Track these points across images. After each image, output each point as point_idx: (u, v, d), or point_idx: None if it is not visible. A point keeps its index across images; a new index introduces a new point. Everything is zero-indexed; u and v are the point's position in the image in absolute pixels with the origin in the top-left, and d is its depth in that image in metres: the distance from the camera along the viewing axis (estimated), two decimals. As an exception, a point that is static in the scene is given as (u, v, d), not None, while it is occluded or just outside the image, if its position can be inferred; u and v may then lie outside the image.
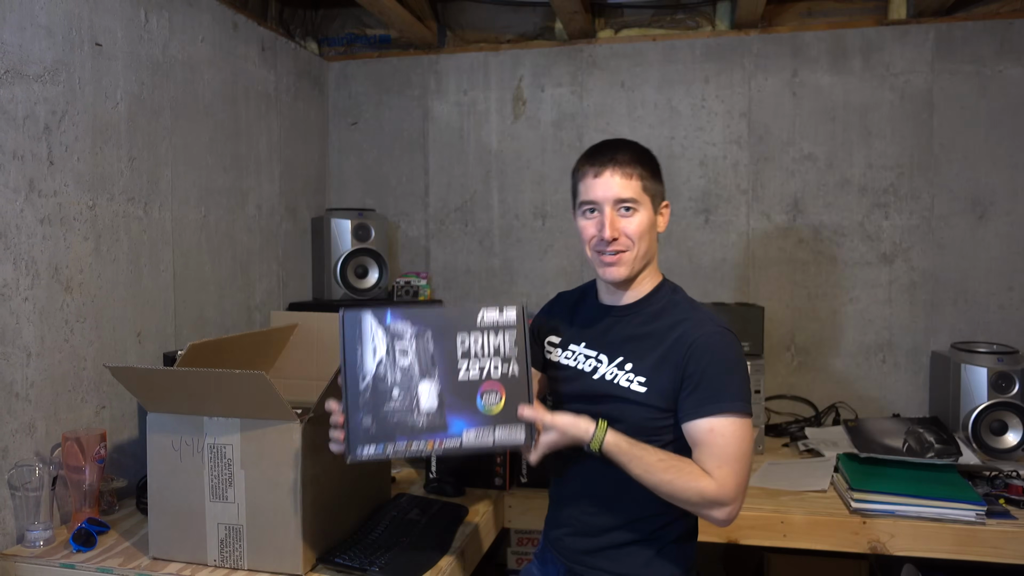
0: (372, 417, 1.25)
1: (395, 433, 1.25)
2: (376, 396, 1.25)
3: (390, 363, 1.26)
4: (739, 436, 1.23)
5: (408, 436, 1.25)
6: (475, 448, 1.26)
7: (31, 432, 1.58)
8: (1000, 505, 1.74)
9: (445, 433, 1.25)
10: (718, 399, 1.24)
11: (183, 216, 2.05)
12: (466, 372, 1.27)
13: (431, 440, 1.25)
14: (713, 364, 1.26)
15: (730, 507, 1.23)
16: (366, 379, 1.25)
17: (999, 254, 2.45)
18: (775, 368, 2.58)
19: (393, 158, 2.88)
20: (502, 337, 1.27)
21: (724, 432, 1.23)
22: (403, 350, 1.26)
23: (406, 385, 1.26)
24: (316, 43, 2.92)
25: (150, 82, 1.92)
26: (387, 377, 1.25)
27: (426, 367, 1.27)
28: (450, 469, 1.88)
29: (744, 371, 1.29)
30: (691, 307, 1.35)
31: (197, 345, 1.53)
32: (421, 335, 1.27)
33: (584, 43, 2.71)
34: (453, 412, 1.25)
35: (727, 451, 1.23)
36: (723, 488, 1.22)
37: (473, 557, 1.65)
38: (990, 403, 2.10)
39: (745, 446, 1.24)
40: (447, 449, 1.26)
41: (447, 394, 1.26)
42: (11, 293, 1.53)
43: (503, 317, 1.27)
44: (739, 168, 2.61)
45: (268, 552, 1.38)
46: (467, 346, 1.27)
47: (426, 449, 1.26)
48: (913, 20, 2.49)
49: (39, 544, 1.49)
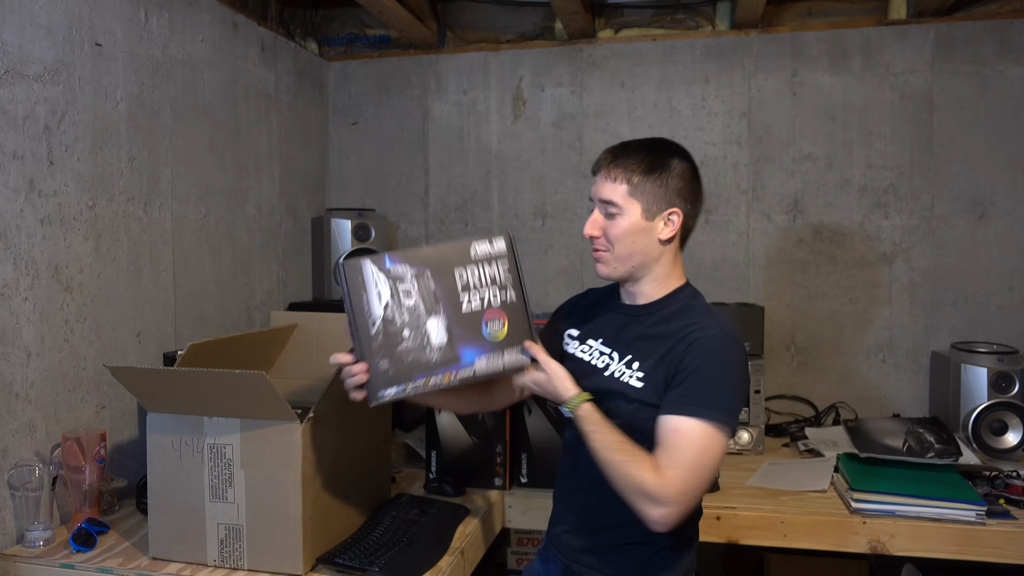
0: (388, 360, 1.27)
1: (412, 372, 1.28)
2: (388, 339, 1.27)
3: (396, 305, 1.28)
4: (701, 444, 1.19)
5: (425, 372, 1.28)
6: (488, 374, 1.31)
7: (31, 432, 1.58)
8: (1000, 505, 1.74)
9: (458, 364, 1.29)
10: (695, 401, 1.21)
11: (183, 216, 2.05)
12: (468, 304, 1.31)
13: (447, 373, 1.29)
14: (705, 366, 1.23)
15: (666, 509, 1.18)
16: (376, 324, 1.27)
17: (999, 254, 2.45)
18: (775, 368, 2.58)
19: (393, 158, 2.88)
20: (496, 266, 1.33)
21: (688, 435, 1.20)
22: (406, 291, 1.29)
23: (415, 324, 1.29)
24: (316, 43, 2.92)
25: (150, 82, 1.92)
26: (396, 319, 1.28)
27: (431, 305, 1.30)
28: (450, 469, 1.88)
29: (737, 383, 1.25)
30: (705, 312, 1.33)
31: (197, 345, 1.53)
32: (421, 275, 1.30)
33: (584, 43, 2.71)
34: (463, 343, 1.29)
35: (683, 455, 1.19)
36: (664, 488, 1.18)
37: (473, 557, 1.65)
38: (990, 403, 2.10)
39: (705, 457, 1.20)
40: (462, 379, 1.30)
41: (454, 327, 1.30)
42: (11, 293, 1.53)
43: (494, 248, 1.34)
44: (739, 168, 2.61)
45: (268, 552, 1.38)
46: (465, 279, 1.32)
47: (443, 382, 1.29)
48: (913, 20, 2.49)
49: (39, 544, 1.49)
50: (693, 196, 1.35)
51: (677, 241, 1.36)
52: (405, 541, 1.50)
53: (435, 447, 1.89)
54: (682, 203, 1.33)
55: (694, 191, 1.35)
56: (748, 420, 2.19)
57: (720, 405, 1.21)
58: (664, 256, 1.35)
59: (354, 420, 1.56)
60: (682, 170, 1.33)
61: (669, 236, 1.33)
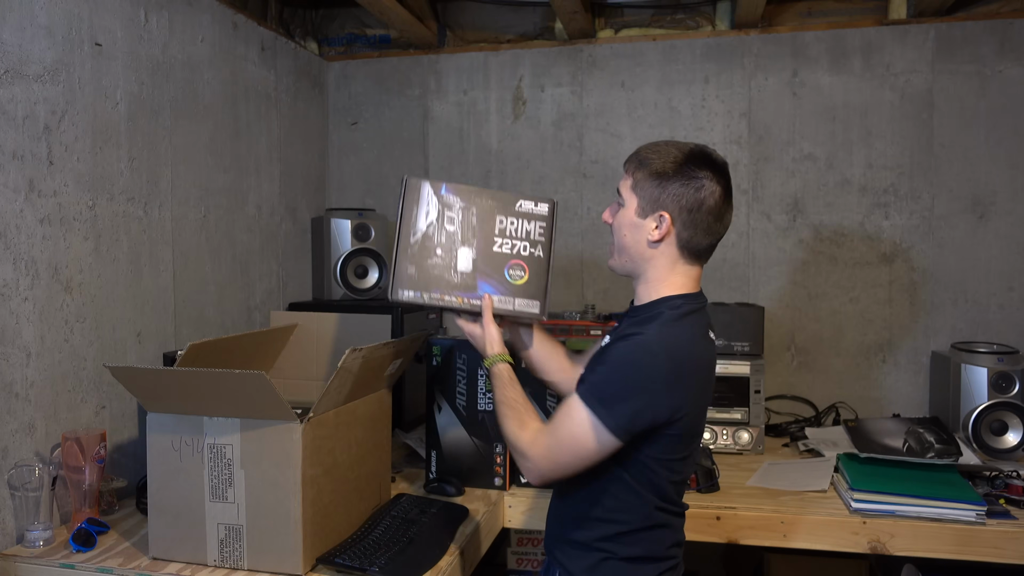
0: (416, 267, 1.47)
1: (432, 284, 1.47)
2: (423, 251, 1.48)
3: (439, 227, 1.48)
4: (575, 429, 1.24)
5: (442, 289, 1.48)
6: (497, 310, 1.47)
7: (31, 432, 1.58)
8: (1000, 505, 1.74)
9: (474, 293, 1.48)
10: (591, 390, 1.24)
11: (183, 216, 2.05)
12: (499, 247, 1.50)
13: (461, 296, 1.48)
14: (612, 363, 1.24)
15: (529, 464, 1.30)
16: (416, 235, 1.48)
17: (999, 254, 2.45)
18: (775, 368, 2.58)
19: (393, 158, 2.88)
20: (534, 225, 1.51)
21: (570, 414, 1.25)
22: (451, 218, 1.49)
23: (448, 247, 1.48)
24: (316, 43, 2.92)
25: (150, 82, 1.92)
26: (434, 237, 1.48)
27: (467, 236, 1.49)
28: (450, 469, 1.88)
29: (634, 389, 1.22)
30: (663, 323, 1.27)
31: (197, 345, 1.53)
32: (467, 209, 1.50)
33: (584, 43, 2.71)
34: (483, 278, 1.48)
35: (558, 429, 1.27)
36: (532, 446, 1.29)
37: (473, 557, 1.65)
38: (990, 403, 2.10)
39: (574, 442, 1.25)
40: (473, 306, 1.48)
41: (481, 262, 1.49)
42: (11, 293, 1.53)
43: (537, 209, 1.52)
44: (739, 168, 2.61)
45: (268, 552, 1.38)
46: (503, 226, 1.50)
47: (455, 303, 1.48)
48: (913, 20, 2.49)
49: (39, 544, 1.49)
50: (698, 211, 1.29)
51: (674, 250, 1.32)
52: (405, 541, 1.50)
53: (435, 447, 1.89)
54: (677, 210, 1.29)
55: (704, 207, 1.29)
56: (748, 420, 2.19)
57: (607, 404, 1.22)
58: (657, 260, 1.33)
59: (354, 420, 1.56)
60: (699, 183, 1.28)
61: (657, 239, 1.30)
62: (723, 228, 1.35)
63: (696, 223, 1.30)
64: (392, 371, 1.67)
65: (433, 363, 1.88)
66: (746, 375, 2.19)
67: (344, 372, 1.41)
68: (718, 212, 1.31)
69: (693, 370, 1.27)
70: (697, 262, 1.36)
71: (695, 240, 1.32)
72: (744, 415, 2.19)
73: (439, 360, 1.88)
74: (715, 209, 1.30)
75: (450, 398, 1.87)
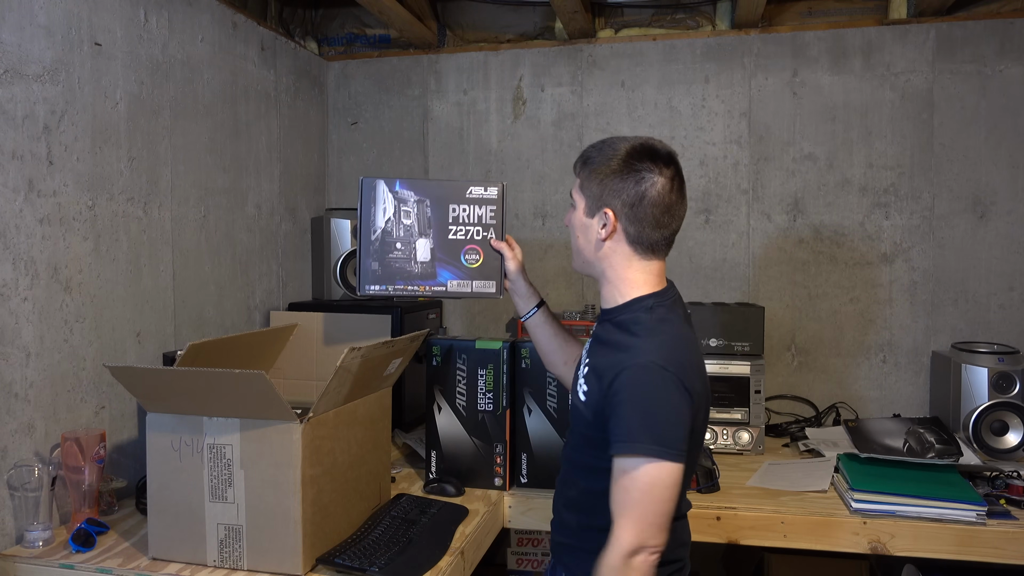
0: (379, 263, 1.59)
1: (395, 277, 1.59)
2: (383, 247, 1.59)
3: (396, 222, 1.60)
4: (645, 481, 1.16)
5: (405, 280, 1.60)
6: (456, 294, 1.61)
7: (30, 432, 1.57)
8: (1001, 505, 1.74)
9: (434, 280, 1.60)
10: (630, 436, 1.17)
11: (183, 216, 2.05)
12: (454, 234, 1.61)
13: (423, 284, 1.60)
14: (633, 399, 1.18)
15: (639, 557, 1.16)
16: (376, 232, 1.60)
17: (999, 254, 2.45)
18: (775, 368, 2.58)
19: (393, 158, 2.88)
20: (485, 209, 1.62)
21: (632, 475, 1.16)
22: (407, 212, 1.60)
23: (407, 240, 1.60)
24: (316, 43, 2.92)
25: (150, 82, 1.92)
26: (393, 232, 1.60)
27: (423, 227, 1.60)
28: (450, 469, 1.88)
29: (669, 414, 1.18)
30: (648, 332, 1.25)
31: (197, 345, 1.53)
32: (421, 202, 1.61)
33: (584, 43, 2.70)
34: (441, 264, 1.60)
35: (630, 496, 1.17)
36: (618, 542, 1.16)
37: (473, 557, 1.65)
38: (991, 403, 2.10)
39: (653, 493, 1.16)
40: (435, 292, 1.61)
41: (438, 250, 1.60)
42: (10, 293, 1.53)
43: (487, 193, 1.63)
44: (739, 168, 2.61)
45: (268, 552, 1.38)
46: (456, 214, 1.61)
47: (418, 291, 1.60)
48: (913, 20, 2.49)
49: (38, 544, 1.49)
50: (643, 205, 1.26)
51: (626, 247, 1.30)
52: (405, 541, 1.50)
53: (435, 447, 1.89)
54: (619, 206, 1.27)
55: (648, 200, 1.26)
56: (748, 420, 2.19)
57: (661, 440, 1.16)
58: (611, 259, 1.31)
59: (354, 420, 1.56)
60: (640, 176, 1.26)
61: (605, 237, 1.29)
62: (674, 220, 1.30)
63: (641, 217, 1.27)
64: (392, 371, 1.67)
65: (433, 363, 1.88)
66: (746, 375, 2.19)
67: (343, 371, 1.40)
68: (664, 204, 1.27)
69: (693, 367, 1.26)
70: (654, 256, 1.32)
71: (644, 234, 1.29)
72: (744, 415, 2.19)
73: (439, 360, 1.87)
74: (659, 201, 1.27)
75: (450, 398, 1.87)
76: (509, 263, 1.61)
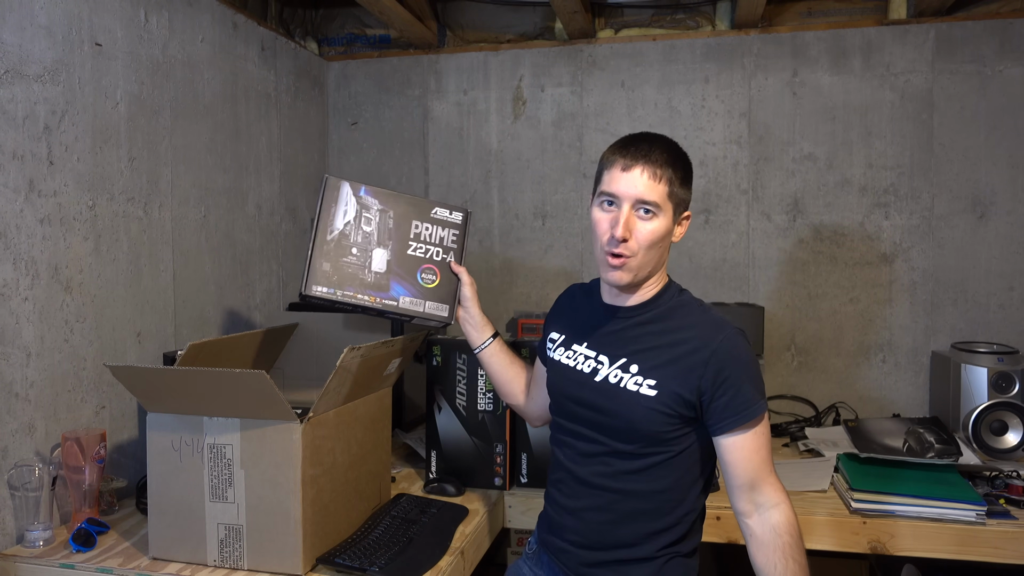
0: (331, 265, 1.51)
1: (345, 282, 1.51)
2: (338, 249, 1.52)
3: (355, 227, 1.53)
4: (765, 437, 1.26)
5: (355, 288, 1.52)
6: (407, 311, 1.54)
7: (31, 432, 1.58)
8: (1000, 505, 1.74)
9: (386, 294, 1.54)
10: (746, 406, 1.23)
11: (183, 216, 2.05)
12: (413, 251, 1.56)
13: (374, 296, 1.53)
14: (739, 370, 1.24)
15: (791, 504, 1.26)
16: (333, 233, 1.53)
17: (999, 254, 2.45)
18: (775, 368, 2.58)
19: (393, 158, 2.88)
20: (448, 232, 1.59)
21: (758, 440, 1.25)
22: (368, 219, 1.54)
23: (364, 247, 1.53)
24: (316, 43, 2.92)
25: (150, 82, 1.92)
26: (350, 236, 1.53)
27: (383, 238, 1.54)
28: (450, 469, 1.88)
29: (759, 369, 1.29)
30: (701, 309, 1.32)
31: (197, 345, 1.53)
32: (385, 212, 1.55)
33: (584, 43, 2.71)
34: (396, 279, 1.54)
35: (763, 456, 1.25)
36: (781, 502, 1.25)
37: (473, 557, 1.65)
38: (990, 403, 2.10)
39: (769, 441, 1.27)
40: (385, 306, 1.53)
41: (395, 264, 1.54)
42: (11, 293, 1.53)
43: (451, 217, 1.59)
44: (739, 168, 2.61)
45: (268, 552, 1.38)
46: (418, 231, 1.57)
47: (368, 302, 1.52)
48: (913, 20, 2.49)
49: (39, 544, 1.49)
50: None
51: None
52: (405, 541, 1.50)
53: (435, 447, 1.89)
54: (689, 205, 1.35)
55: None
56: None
57: (761, 395, 1.26)
58: (664, 258, 1.35)
59: (354, 420, 1.56)
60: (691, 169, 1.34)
61: (679, 239, 1.34)
62: None
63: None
64: (392, 371, 1.67)
65: (433, 363, 1.88)
66: (746, 375, 2.19)
67: (343, 371, 1.41)
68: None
69: None
70: None
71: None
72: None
73: (439, 360, 1.88)
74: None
75: (450, 398, 1.87)
76: (465, 288, 1.57)
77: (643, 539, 1.31)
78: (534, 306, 2.77)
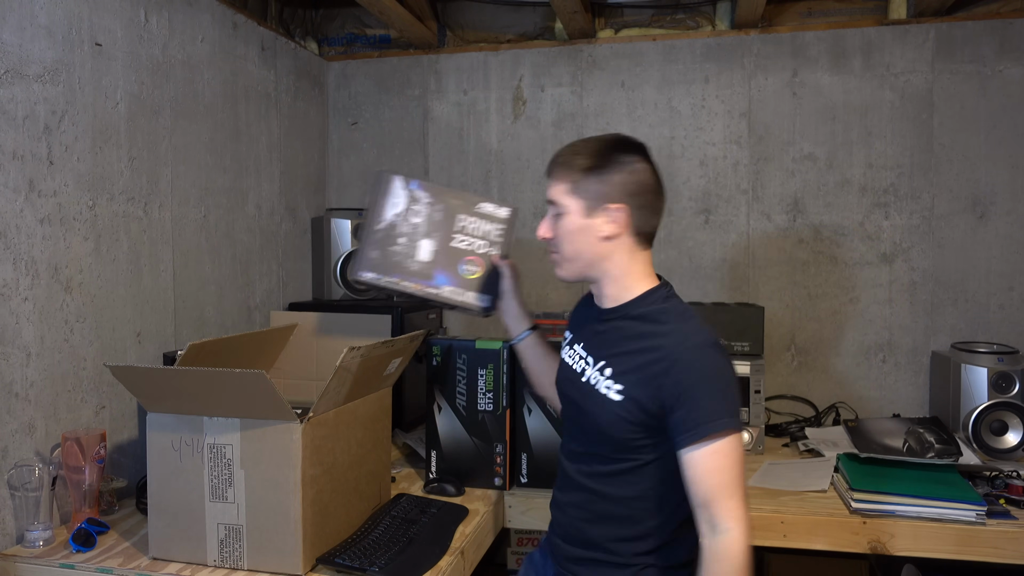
0: (379, 252, 1.61)
1: (392, 269, 1.60)
2: (387, 238, 1.62)
3: (404, 218, 1.62)
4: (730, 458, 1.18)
5: (401, 275, 1.60)
6: (448, 300, 1.60)
7: (31, 432, 1.58)
8: (1000, 505, 1.74)
9: (430, 282, 1.61)
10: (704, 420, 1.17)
11: (183, 216, 2.05)
12: (458, 243, 1.62)
13: (417, 283, 1.60)
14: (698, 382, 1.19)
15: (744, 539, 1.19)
16: (383, 223, 1.62)
17: (999, 254, 2.45)
18: (775, 368, 2.58)
19: (393, 158, 2.88)
20: (492, 226, 1.63)
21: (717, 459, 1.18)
22: (416, 211, 1.62)
23: (412, 237, 1.62)
24: (316, 43, 2.92)
25: (150, 82, 1.92)
26: (399, 227, 1.62)
27: (430, 229, 1.62)
28: (450, 469, 1.88)
29: (729, 385, 1.22)
30: (679, 318, 1.27)
31: (197, 345, 1.53)
32: (433, 205, 1.63)
33: (584, 43, 2.70)
34: (440, 269, 1.61)
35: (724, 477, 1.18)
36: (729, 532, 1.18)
37: (473, 557, 1.65)
38: (990, 403, 2.10)
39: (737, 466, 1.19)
40: (427, 293, 1.60)
41: (439, 254, 1.61)
42: (11, 293, 1.53)
43: (497, 212, 1.65)
44: (739, 168, 2.61)
45: (268, 552, 1.38)
46: (464, 224, 1.63)
47: (411, 288, 1.60)
48: (913, 20, 2.49)
49: (39, 544, 1.49)
50: (644, 193, 1.30)
51: (630, 239, 1.31)
52: (405, 541, 1.50)
53: (435, 447, 1.89)
54: (626, 198, 1.28)
55: (646, 188, 1.30)
56: (748, 420, 2.19)
57: (727, 412, 1.19)
58: (615, 255, 1.31)
59: (354, 420, 1.56)
60: (632, 167, 1.29)
61: (610, 233, 1.29)
62: (664, 205, 1.36)
63: (643, 205, 1.31)
64: (392, 371, 1.67)
65: (433, 363, 1.88)
66: (746, 375, 2.19)
67: (343, 371, 1.41)
68: (657, 190, 1.33)
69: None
70: (648, 246, 1.35)
71: (646, 223, 1.32)
72: (744, 415, 2.19)
73: (439, 360, 1.88)
74: (654, 187, 1.32)
75: (450, 398, 1.87)
76: (506, 281, 1.59)
77: (613, 542, 1.31)
78: (534, 306, 2.77)
